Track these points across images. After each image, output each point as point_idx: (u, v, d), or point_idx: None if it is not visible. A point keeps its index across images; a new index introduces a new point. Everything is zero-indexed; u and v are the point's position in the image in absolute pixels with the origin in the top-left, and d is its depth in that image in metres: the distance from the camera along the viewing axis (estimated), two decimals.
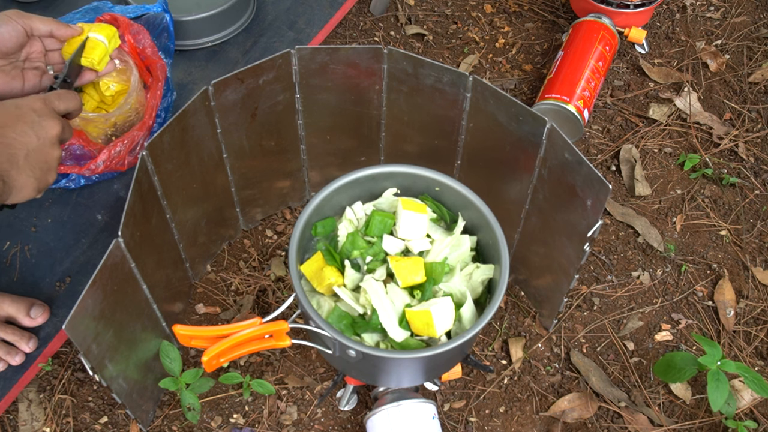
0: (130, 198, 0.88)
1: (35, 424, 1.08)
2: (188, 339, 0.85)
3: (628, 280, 1.26)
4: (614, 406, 1.13)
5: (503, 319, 1.21)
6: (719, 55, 1.53)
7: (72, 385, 1.12)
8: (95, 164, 1.10)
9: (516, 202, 1.08)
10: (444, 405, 1.13)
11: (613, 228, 1.31)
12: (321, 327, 0.85)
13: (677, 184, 1.37)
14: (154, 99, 1.15)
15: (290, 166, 1.21)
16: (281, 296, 1.22)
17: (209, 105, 1.00)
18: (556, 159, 0.95)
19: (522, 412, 1.13)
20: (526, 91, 1.48)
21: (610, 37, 1.42)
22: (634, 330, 1.21)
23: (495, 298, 0.88)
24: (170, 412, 1.11)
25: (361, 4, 1.57)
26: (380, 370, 0.95)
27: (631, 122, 1.44)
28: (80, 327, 0.82)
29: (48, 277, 1.11)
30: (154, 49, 1.17)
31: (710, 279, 1.26)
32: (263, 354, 1.16)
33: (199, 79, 1.31)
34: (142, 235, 0.94)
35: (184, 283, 1.17)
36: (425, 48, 1.54)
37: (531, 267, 1.17)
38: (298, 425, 1.11)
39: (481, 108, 1.01)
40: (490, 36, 1.56)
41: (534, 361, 1.17)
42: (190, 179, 1.05)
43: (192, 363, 1.15)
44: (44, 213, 1.16)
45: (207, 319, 1.19)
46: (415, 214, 0.94)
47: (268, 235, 1.28)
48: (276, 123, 1.10)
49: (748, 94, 1.48)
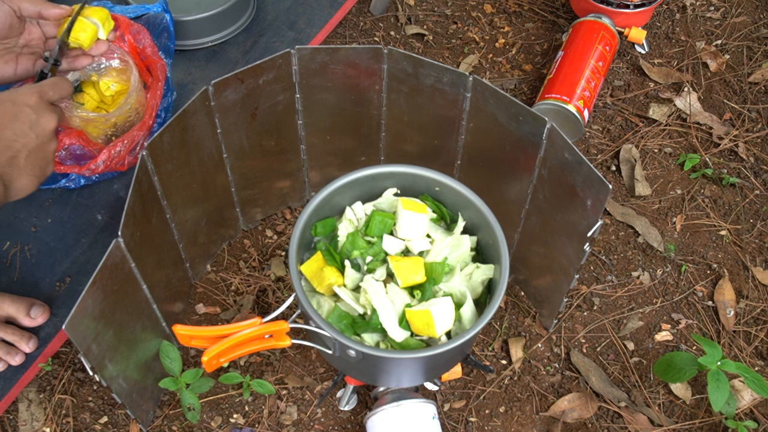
0: (130, 198, 0.88)
1: (35, 424, 1.08)
2: (188, 339, 0.85)
3: (628, 280, 1.26)
4: (614, 406, 1.13)
5: (503, 319, 1.21)
6: (719, 55, 1.53)
7: (72, 385, 1.12)
8: (95, 164, 1.10)
9: (516, 202, 1.08)
10: (444, 405, 1.13)
11: (613, 228, 1.31)
12: (321, 327, 0.85)
13: (677, 184, 1.37)
14: (154, 99, 1.15)
15: (290, 166, 1.21)
16: (281, 296, 1.22)
17: (209, 105, 1.00)
18: (556, 159, 0.95)
19: (522, 412, 1.13)
20: (526, 91, 1.48)
21: (610, 37, 1.42)
22: (634, 330, 1.21)
23: (495, 298, 0.88)
24: (170, 412, 1.11)
25: (361, 4, 1.57)
26: (380, 370, 0.95)
27: (631, 122, 1.44)
28: (80, 327, 0.82)
29: (48, 277, 1.11)
30: (154, 49, 1.17)
31: (710, 279, 1.26)
32: (263, 354, 1.16)
33: (199, 79, 1.31)
34: (142, 235, 0.94)
35: (184, 283, 1.17)
36: (425, 48, 1.54)
37: (531, 267, 1.17)
38: (298, 425, 1.11)
39: (481, 108, 1.01)
40: (490, 36, 1.56)
41: (534, 361, 1.17)
42: (190, 179, 1.05)
43: (192, 363, 1.15)
44: (44, 213, 1.16)
45: (207, 319, 1.19)
46: (415, 214, 0.94)
47: (268, 235, 1.28)
48: (276, 123, 1.10)
49: (748, 94, 1.48)
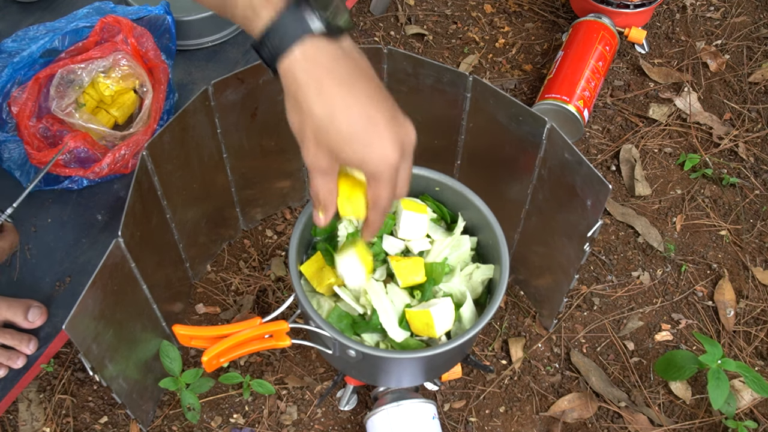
0: (130, 198, 0.88)
1: (35, 424, 1.08)
2: (188, 339, 0.85)
3: (628, 280, 1.26)
4: (614, 406, 1.13)
5: (503, 319, 1.21)
6: (719, 55, 1.53)
7: (72, 385, 1.12)
8: (100, 167, 1.10)
9: (516, 202, 1.08)
10: (444, 405, 1.13)
11: (613, 228, 1.31)
12: (321, 327, 0.85)
13: (677, 184, 1.37)
14: (158, 102, 1.15)
15: (290, 166, 1.21)
16: (281, 296, 1.22)
17: (209, 105, 1.00)
18: (556, 159, 0.95)
19: (522, 412, 1.13)
20: (526, 91, 1.48)
21: (610, 37, 1.42)
22: (634, 330, 1.21)
23: (495, 298, 0.88)
24: (170, 412, 1.11)
25: (361, 4, 1.57)
26: (380, 370, 0.95)
27: (631, 122, 1.44)
28: (80, 327, 0.82)
29: (48, 277, 1.11)
30: (156, 52, 1.17)
31: (710, 279, 1.26)
32: (263, 354, 1.16)
33: (199, 79, 1.31)
34: (142, 235, 0.94)
35: (184, 283, 1.17)
36: (425, 48, 1.54)
37: (531, 267, 1.17)
38: (298, 425, 1.11)
39: (481, 108, 1.01)
40: (490, 36, 1.56)
41: (534, 361, 1.17)
42: (190, 179, 1.05)
43: (192, 363, 1.15)
44: (44, 213, 1.16)
45: (207, 319, 1.19)
46: (415, 214, 0.94)
47: (268, 235, 1.28)
48: (276, 123, 1.10)
49: (748, 94, 1.48)
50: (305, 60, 0.64)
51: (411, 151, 0.70)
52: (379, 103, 0.66)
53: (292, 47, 0.63)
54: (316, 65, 0.64)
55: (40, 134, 1.12)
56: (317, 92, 0.64)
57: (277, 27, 0.63)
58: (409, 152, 0.70)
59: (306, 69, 0.64)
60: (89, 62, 1.14)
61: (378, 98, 0.66)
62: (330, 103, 0.64)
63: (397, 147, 0.67)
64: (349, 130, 0.65)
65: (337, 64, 0.64)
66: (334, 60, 0.64)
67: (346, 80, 0.64)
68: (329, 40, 0.64)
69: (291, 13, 0.62)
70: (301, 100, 0.65)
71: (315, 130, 0.66)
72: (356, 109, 0.65)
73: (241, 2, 0.64)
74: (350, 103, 0.64)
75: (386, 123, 0.66)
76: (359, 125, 0.65)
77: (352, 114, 0.64)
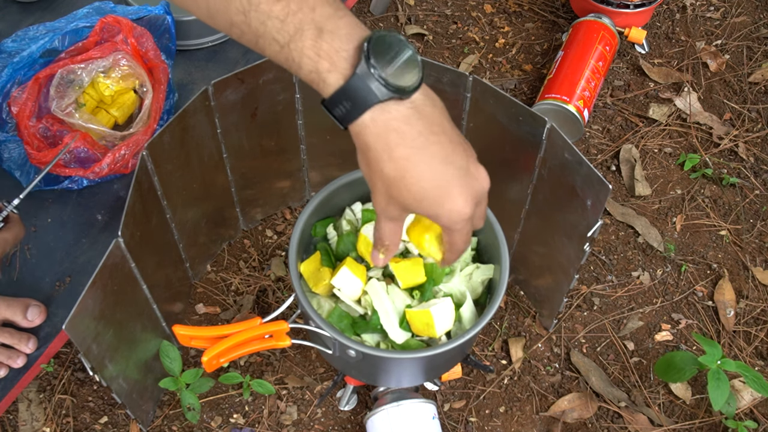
0: (130, 198, 0.88)
1: (35, 424, 1.08)
2: (188, 339, 0.85)
3: (628, 280, 1.26)
4: (614, 406, 1.13)
5: (503, 319, 1.21)
6: (719, 55, 1.53)
7: (72, 385, 1.12)
8: (100, 167, 1.10)
9: (516, 202, 1.08)
10: (444, 405, 1.13)
11: (613, 228, 1.31)
12: (321, 327, 0.85)
13: (677, 184, 1.37)
14: (158, 102, 1.15)
15: (290, 166, 1.21)
16: (281, 296, 1.22)
17: (209, 105, 1.00)
18: (556, 159, 0.95)
19: (522, 412, 1.13)
20: (526, 91, 1.48)
21: (610, 37, 1.42)
22: (634, 330, 1.21)
23: (495, 298, 0.88)
24: (170, 412, 1.11)
25: (361, 4, 1.57)
26: (380, 370, 0.95)
27: (631, 122, 1.44)
28: (80, 327, 0.82)
29: (48, 277, 1.11)
30: (157, 53, 1.17)
31: (710, 279, 1.26)
32: (263, 354, 1.16)
33: (199, 79, 1.31)
34: (142, 235, 0.94)
35: (184, 283, 1.17)
36: (425, 48, 1.54)
37: (531, 267, 1.17)
38: (298, 425, 1.11)
39: (481, 108, 1.01)
40: (490, 36, 1.56)
41: (534, 361, 1.17)
42: (190, 179, 1.05)
43: (192, 363, 1.15)
44: (44, 213, 1.16)
45: (207, 319, 1.19)
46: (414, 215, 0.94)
47: (268, 235, 1.28)
48: (276, 123, 1.10)
49: (748, 94, 1.48)
50: (375, 126, 0.63)
51: (485, 196, 0.71)
52: (451, 160, 0.66)
53: (362, 115, 0.63)
54: (386, 130, 0.63)
55: (40, 134, 1.12)
56: (388, 157, 0.64)
57: (346, 94, 0.62)
58: (483, 198, 0.71)
59: (376, 134, 0.64)
60: (89, 62, 1.14)
61: (450, 154, 0.66)
62: (400, 166, 0.64)
63: (469, 201, 0.67)
64: (420, 191, 0.65)
65: (408, 127, 0.64)
66: (405, 123, 0.64)
67: (417, 143, 0.64)
68: (398, 101, 0.63)
69: (358, 79, 0.61)
70: (372, 161, 0.65)
71: (386, 187, 0.66)
72: (427, 170, 0.64)
73: (305, 65, 0.62)
74: (421, 167, 0.64)
75: (458, 180, 0.66)
76: (430, 186, 0.65)
77: (423, 176, 0.64)
